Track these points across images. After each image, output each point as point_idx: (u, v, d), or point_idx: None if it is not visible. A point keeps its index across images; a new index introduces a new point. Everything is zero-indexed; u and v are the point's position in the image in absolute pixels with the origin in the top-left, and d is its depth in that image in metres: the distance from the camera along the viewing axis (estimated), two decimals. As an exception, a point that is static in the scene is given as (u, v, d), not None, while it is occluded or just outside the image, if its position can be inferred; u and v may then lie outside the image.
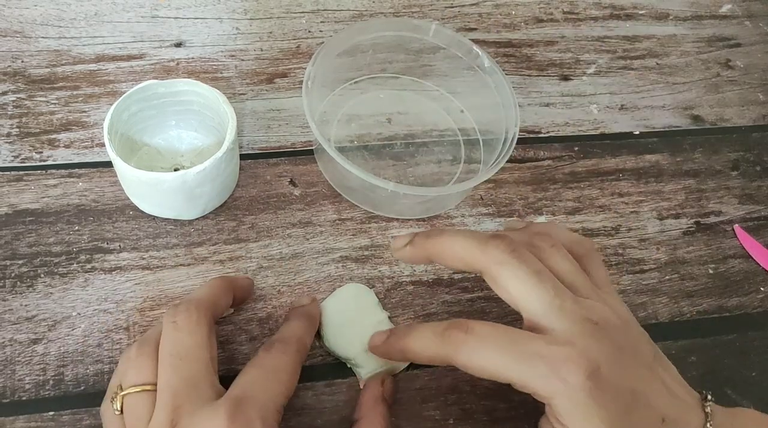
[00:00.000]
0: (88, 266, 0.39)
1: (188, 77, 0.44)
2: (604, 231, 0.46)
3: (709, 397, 0.32)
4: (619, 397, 0.29)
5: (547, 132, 0.51)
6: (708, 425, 0.31)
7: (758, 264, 0.46)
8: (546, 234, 0.33)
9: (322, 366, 0.38)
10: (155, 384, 0.29)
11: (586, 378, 0.28)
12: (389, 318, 0.39)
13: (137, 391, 0.29)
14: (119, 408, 0.30)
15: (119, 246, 0.40)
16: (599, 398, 0.28)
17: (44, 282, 0.38)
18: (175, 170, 0.42)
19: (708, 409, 0.31)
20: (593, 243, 0.36)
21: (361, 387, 0.37)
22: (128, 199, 0.41)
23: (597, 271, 0.34)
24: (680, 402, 0.31)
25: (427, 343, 0.31)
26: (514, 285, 0.30)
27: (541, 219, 0.46)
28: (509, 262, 0.31)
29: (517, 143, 0.43)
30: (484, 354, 0.29)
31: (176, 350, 0.30)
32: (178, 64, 0.49)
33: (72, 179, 0.42)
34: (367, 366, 0.36)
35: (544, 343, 0.29)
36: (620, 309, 0.32)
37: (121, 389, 0.30)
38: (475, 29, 0.56)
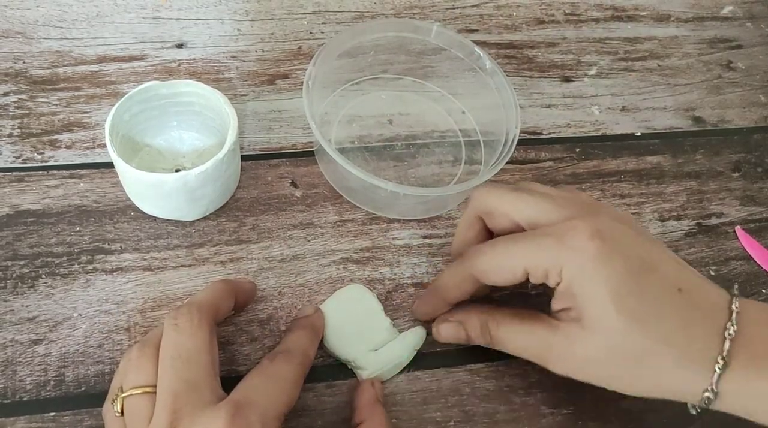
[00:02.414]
0: (90, 267, 0.39)
1: (190, 78, 0.44)
2: (606, 232, 0.46)
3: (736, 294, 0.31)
4: (626, 260, 0.30)
5: (549, 133, 0.51)
6: (734, 306, 0.30)
7: (759, 266, 0.46)
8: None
9: (323, 367, 0.38)
10: (156, 386, 0.29)
11: (589, 239, 0.29)
12: (391, 321, 0.39)
13: (138, 393, 0.29)
14: (120, 410, 0.30)
15: (120, 247, 0.40)
16: (605, 258, 0.29)
17: (45, 282, 0.38)
18: (177, 171, 0.42)
19: (735, 301, 0.30)
20: None
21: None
22: (129, 199, 0.41)
23: None
24: (696, 276, 0.31)
25: (451, 271, 0.36)
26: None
27: None
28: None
29: (519, 144, 0.43)
30: (498, 251, 0.33)
31: (177, 352, 0.30)
32: (179, 65, 0.49)
33: (73, 180, 0.42)
34: (368, 368, 0.36)
35: (548, 228, 0.31)
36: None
37: (122, 391, 0.30)
38: (477, 30, 0.56)
